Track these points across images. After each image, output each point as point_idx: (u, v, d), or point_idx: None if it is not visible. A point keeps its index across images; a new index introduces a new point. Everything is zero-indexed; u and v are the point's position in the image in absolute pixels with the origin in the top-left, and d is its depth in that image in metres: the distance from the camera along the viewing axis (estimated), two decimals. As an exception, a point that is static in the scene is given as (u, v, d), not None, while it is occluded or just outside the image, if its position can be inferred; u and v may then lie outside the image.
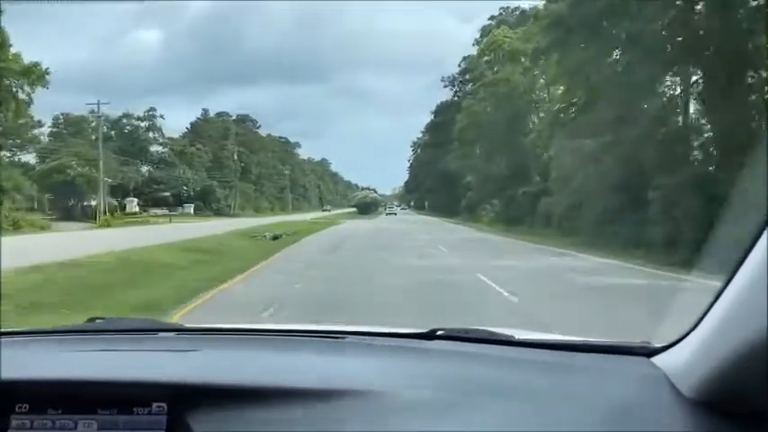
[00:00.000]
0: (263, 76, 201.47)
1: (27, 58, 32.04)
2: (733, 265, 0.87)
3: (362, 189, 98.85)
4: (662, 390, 1.04)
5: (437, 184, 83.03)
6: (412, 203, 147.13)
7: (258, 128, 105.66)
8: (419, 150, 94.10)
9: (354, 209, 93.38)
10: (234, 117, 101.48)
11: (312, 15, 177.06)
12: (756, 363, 0.80)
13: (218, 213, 74.97)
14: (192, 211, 72.19)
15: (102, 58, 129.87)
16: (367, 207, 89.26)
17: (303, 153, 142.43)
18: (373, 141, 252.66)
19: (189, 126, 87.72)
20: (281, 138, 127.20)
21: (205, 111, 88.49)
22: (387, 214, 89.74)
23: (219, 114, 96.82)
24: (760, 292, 0.78)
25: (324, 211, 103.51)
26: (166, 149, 72.69)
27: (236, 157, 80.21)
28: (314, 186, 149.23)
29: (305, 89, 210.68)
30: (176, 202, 72.38)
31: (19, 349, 1.34)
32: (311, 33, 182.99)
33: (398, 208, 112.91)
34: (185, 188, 72.03)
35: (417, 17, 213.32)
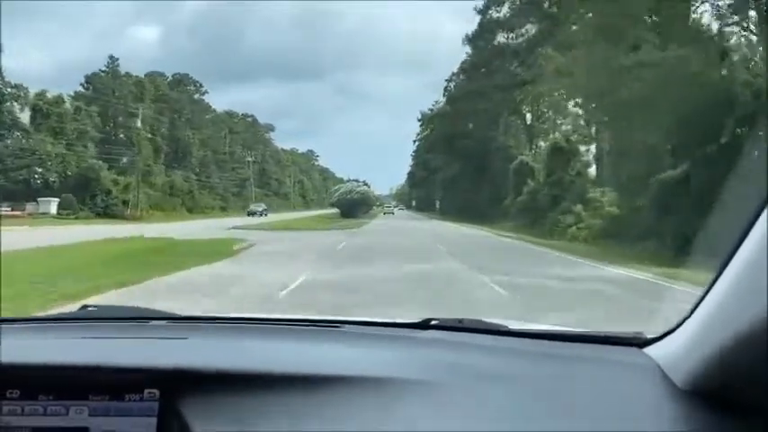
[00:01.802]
0: (261, 75, 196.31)
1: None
2: (726, 255, 0.86)
3: (348, 181, 70.26)
4: (655, 380, 1.04)
5: (463, 172, 53.54)
6: (414, 203, 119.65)
7: (204, 93, 75.83)
8: (431, 127, 64.66)
9: (336, 209, 64.15)
10: (169, 78, 71.99)
11: (311, 14, 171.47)
12: (750, 353, 0.80)
13: (109, 213, 45.78)
14: (53, 209, 42.84)
15: (100, 55, 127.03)
16: (353, 206, 60.31)
17: (287, 144, 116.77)
18: (370, 141, 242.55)
19: (84, 79, 58.09)
20: (245, 115, 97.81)
21: (113, 59, 58.72)
22: (384, 213, 76.65)
23: (151, 74, 67.43)
24: (754, 282, 0.78)
25: (251, 215, 57.45)
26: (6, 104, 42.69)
27: (139, 123, 50.53)
28: (295, 181, 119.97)
29: (303, 87, 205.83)
30: (31, 192, 43.18)
31: (10, 336, 1.30)
32: (310, 32, 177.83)
33: (396, 208, 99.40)
34: (38, 171, 42.24)
35: (416, 17, 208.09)
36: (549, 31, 29.68)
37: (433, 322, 1.42)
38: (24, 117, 44.78)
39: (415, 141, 74.65)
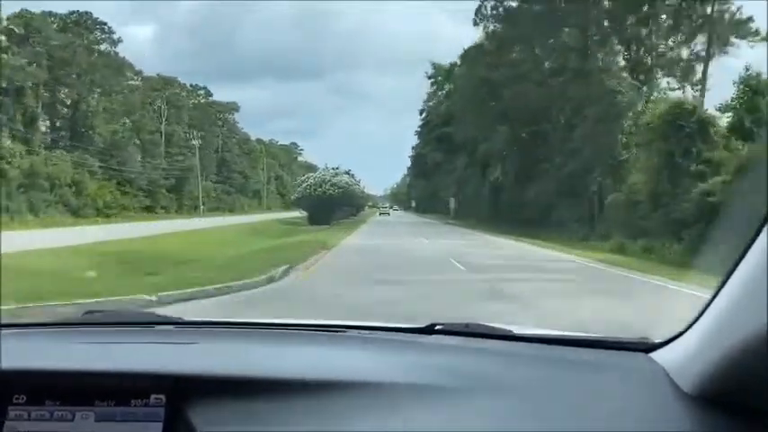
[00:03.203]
0: (258, 74, 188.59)
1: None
2: (733, 260, 0.86)
3: (324, 170, 47.24)
4: (661, 385, 1.04)
5: (508, 148, 31.16)
6: (414, 203, 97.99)
7: (118, 44, 52.67)
8: (452, 85, 42.05)
9: (302, 212, 41.58)
10: (64, 17, 49.15)
11: (309, 14, 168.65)
12: (756, 358, 0.80)
13: None
14: None
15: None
16: (328, 207, 38.13)
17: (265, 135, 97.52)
18: (366, 141, 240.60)
19: None
20: (195, 87, 75.09)
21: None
22: (380, 214, 71.11)
23: (41, 14, 44.80)
24: (760, 287, 0.78)
25: None
26: None
27: None
28: (272, 177, 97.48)
29: (300, 87, 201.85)
30: None
31: (17, 341, 1.33)
32: (308, 32, 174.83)
33: (391, 209, 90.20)
34: None
35: (414, 17, 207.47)
36: None
37: (438, 327, 1.40)
38: None
39: (421, 112, 52.01)
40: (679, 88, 27.17)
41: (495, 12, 31.76)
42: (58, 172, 39.79)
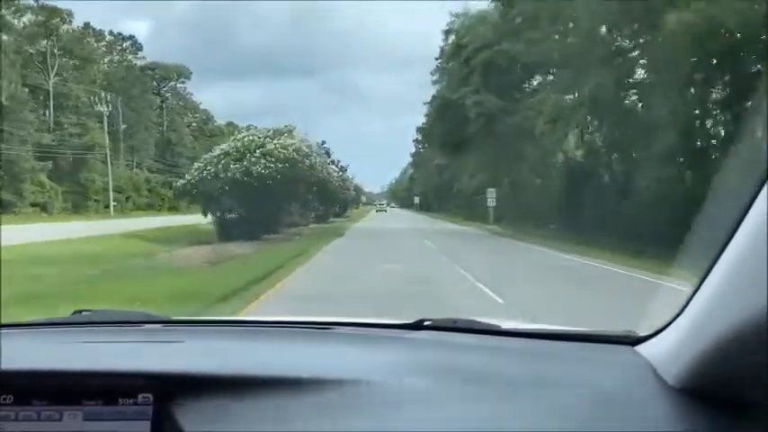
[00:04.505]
0: (252, 72, 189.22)
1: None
2: (716, 251, 0.86)
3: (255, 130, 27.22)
4: (646, 378, 1.05)
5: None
6: (417, 200, 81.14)
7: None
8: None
9: (210, 217, 21.47)
10: None
11: (305, 12, 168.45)
12: (742, 349, 0.80)
13: None
14: None
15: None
16: (260, 201, 18.44)
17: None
18: (364, 140, 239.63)
19: None
20: (117, 35, 54.52)
21: None
22: (378, 211, 70.59)
23: None
24: (744, 279, 0.78)
25: None
26: None
27: None
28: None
29: (295, 85, 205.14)
30: None
31: (3, 341, 1.29)
32: (304, 30, 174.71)
33: (388, 206, 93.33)
34: None
35: (412, 16, 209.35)
36: None
37: (426, 323, 1.42)
38: None
39: (447, 33, 31.43)
40: None
41: None
42: None
